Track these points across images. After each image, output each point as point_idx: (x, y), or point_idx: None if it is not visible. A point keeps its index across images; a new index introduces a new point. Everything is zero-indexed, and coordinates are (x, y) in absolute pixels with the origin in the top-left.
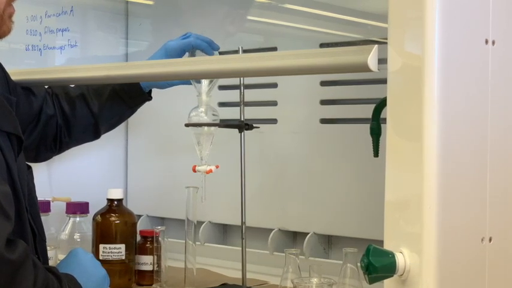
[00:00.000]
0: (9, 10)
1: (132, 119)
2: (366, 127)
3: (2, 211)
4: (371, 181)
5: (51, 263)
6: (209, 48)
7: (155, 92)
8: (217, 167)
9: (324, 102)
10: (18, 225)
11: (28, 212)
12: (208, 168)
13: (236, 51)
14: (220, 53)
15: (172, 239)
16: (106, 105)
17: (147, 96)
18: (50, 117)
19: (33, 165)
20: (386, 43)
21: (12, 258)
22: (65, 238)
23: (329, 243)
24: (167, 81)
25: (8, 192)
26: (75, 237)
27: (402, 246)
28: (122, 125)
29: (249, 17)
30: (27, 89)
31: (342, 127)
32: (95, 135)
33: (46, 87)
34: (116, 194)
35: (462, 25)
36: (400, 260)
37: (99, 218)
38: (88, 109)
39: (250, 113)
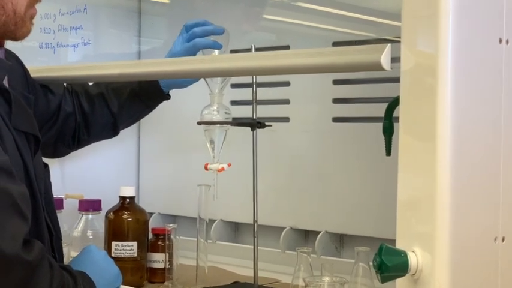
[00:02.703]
0: (31, 12)
1: (144, 117)
2: (379, 126)
3: (18, 212)
4: (383, 180)
5: (64, 260)
6: (215, 45)
7: None
8: (229, 165)
9: (336, 100)
10: (35, 224)
11: (45, 210)
12: (220, 166)
13: (249, 50)
14: (233, 51)
15: (184, 237)
16: (125, 104)
17: (167, 96)
18: (68, 114)
19: (46, 161)
20: (399, 42)
21: (29, 259)
22: (77, 235)
23: (341, 242)
24: (186, 79)
25: (25, 192)
26: (87, 234)
27: (415, 246)
28: (134, 123)
29: (263, 16)
30: (45, 86)
31: (354, 126)
32: (114, 133)
33: (65, 84)
34: (128, 191)
35: (476, 24)
36: (412, 259)
37: (111, 215)
38: (107, 108)
39: (262, 111)
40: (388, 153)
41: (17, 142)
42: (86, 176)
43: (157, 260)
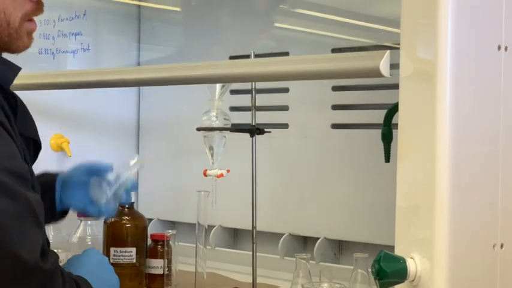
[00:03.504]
0: (29, 27)
1: (143, 123)
2: (378, 132)
3: (37, 220)
4: (382, 186)
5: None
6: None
7: (166, 95)
8: (228, 171)
9: (335, 107)
10: None
11: None
12: (219, 172)
13: (248, 56)
14: (233, 58)
15: (183, 243)
16: None
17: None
18: None
19: (45, 167)
20: (398, 48)
21: (46, 267)
22: (76, 241)
23: (339, 248)
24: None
25: (40, 201)
26: (86, 240)
27: (413, 252)
28: (133, 129)
29: (262, 22)
30: None
31: (353, 132)
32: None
33: None
34: None
35: (475, 31)
36: (411, 265)
37: (110, 221)
38: None
39: (261, 118)
40: (387, 159)
41: (22, 148)
42: None
43: (156, 266)
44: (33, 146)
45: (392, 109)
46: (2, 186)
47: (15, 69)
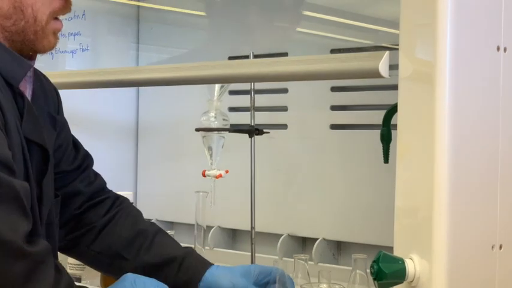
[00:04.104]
0: (55, 25)
1: (142, 123)
2: (376, 133)
3: (20, 206)
4: (381, 187)
5: None
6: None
7: (165, 95)
8: (226, 171)
9: (334, 108)
10: None
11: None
12: (217, 173)
13: (247, 56)
14: (232, 58)
15: (181, 244)
16: (155, 257)
17: None
18: (77, 192)
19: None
20: (397, 49)
21: (31, 250)
22: None
23: (338, 249)
24: None
25: (27, 188)
26: None
27: (412, 253)
28: (132, 129)
29: (261, 22)
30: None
31: (352, 133)
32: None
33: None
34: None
35: (474, 32)
36: (410, 266)
37: None
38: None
39: (260, 118)
40: (386, 160)
41: (24, 150)
42: None
43: None
44: (42, 154)
45: (392, 110)
46: None
47: (26, 67)
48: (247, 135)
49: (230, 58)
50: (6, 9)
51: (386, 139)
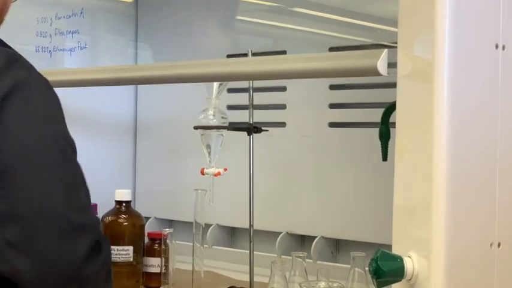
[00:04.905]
0: None
1: (140, 121)
2: (375, 131)
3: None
4: (379, 185)
5: None
6: None
7: (163, 93)
8: (225, 169)
9: (332, 106)
10: None
11: None
12: (216, 171)
13: (246, 55)
14: (230, 56)
15: (180, 242)
16: None
17: None
18: None
19: None
20: (396, 47)
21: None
22: None
23: (337, 247)
24: None
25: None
26: None
27: (411, 251)
28: (131, 127)
29: (259, 21)
30: None
31: (350, 131)
32: None
33: None
34: (124, 195)
35: (472, 30)
36: (408, 264)
37: (107, 219)
38: None
39: (259, 116)
40: (384, 158)
41: None
42: None
43: (153, 264)
44: None
45: (390, 108)
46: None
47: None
48: (245, 133)
49: (228, 56)
50: None
51: (384, 137)
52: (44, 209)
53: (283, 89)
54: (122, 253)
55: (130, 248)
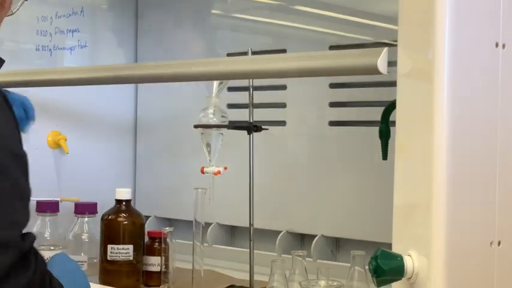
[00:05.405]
0: None
1: (140, 120)
2: (375, 130)
3: (27, 206)
4: (379, 184)
5: None
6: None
7: (164, 92)
8: (225, 168)
9: (333, 104)
10: None
11: None
12: (216, 169)
13: (245, 53)
14: (230, 55)
15: (180, 240)
16: None
17: None
18: None
19: (42, 164)
20: (396, 46)
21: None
22: (72, 238)
23: (337, 245)
24: None
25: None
26: (83, 237)
27: (411, 249)
28: (131, 126)
29: (259, 19)
30: None
31: (350, 129)
32: None
33: None
34: (124, 194)
35: (472, 28)
36: (408, 263)
37: (107, 218)
38: None
39: (259, 115)
40: (385, 157)
41: None
42: (82, 179)
43: (153, 263)
44: None
45: (390, 106)
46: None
47: None
48: (245, 132)
49: (229, 55)
50: None
51: (384, 136)
52: None
53: (283, 87)
54: (122, 252)
55: (130, 246)
